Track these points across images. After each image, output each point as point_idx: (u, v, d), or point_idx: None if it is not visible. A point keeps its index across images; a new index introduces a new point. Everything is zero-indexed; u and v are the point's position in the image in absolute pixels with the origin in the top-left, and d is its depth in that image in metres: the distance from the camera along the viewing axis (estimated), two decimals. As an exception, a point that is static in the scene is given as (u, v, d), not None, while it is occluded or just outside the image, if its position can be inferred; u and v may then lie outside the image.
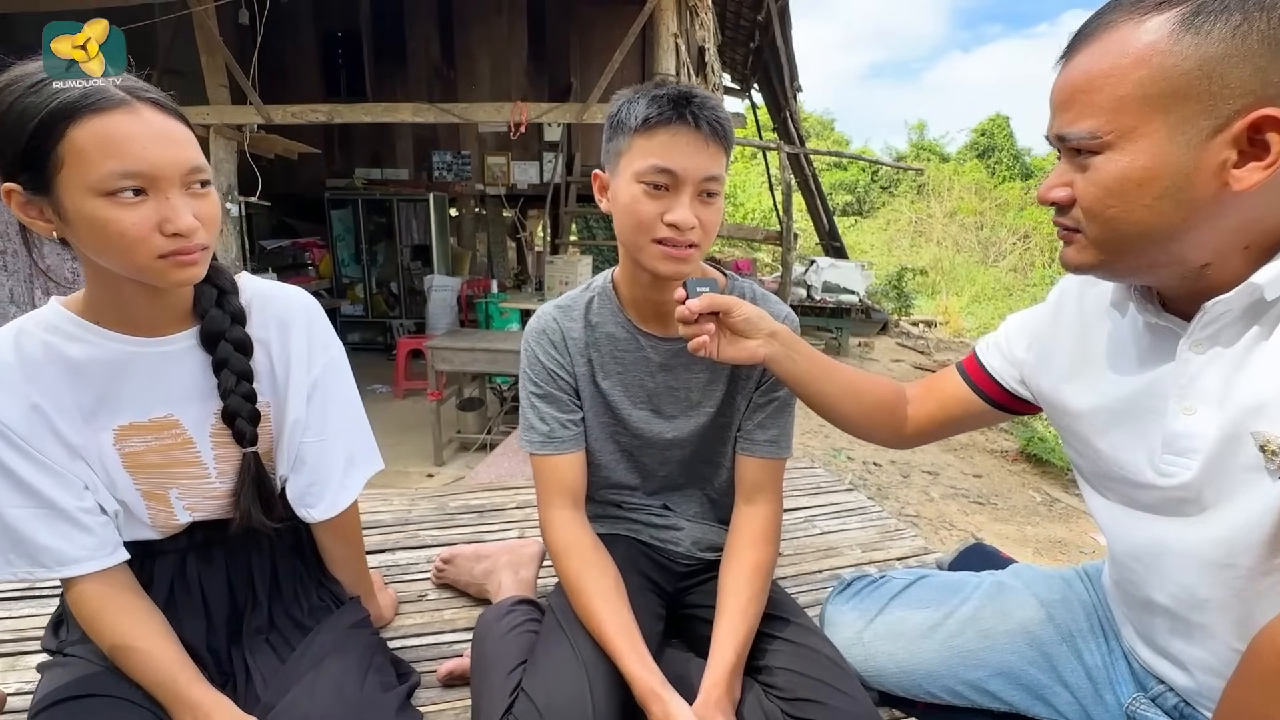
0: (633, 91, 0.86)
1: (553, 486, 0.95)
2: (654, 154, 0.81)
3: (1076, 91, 0.59)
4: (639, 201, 0.83)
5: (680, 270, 0.84)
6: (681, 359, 0.95)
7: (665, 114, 0.81)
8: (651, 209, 0.82)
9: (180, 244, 0.71)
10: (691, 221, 0.82)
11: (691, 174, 0.81)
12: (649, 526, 1.06)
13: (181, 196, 0.71)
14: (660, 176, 0.81)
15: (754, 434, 0.97)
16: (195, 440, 0.85)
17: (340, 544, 0.99)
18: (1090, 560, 0.99)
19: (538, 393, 0.97)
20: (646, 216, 0.82)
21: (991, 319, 10.38)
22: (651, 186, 0.82)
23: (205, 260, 0.75)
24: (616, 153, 0.86)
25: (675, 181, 0.82)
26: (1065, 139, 0.60)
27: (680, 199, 0.82)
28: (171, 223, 0.70)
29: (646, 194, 0.82)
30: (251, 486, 0.87)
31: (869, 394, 0.89)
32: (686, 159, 0.81)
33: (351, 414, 0.96)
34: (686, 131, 0.81)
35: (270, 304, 0.87)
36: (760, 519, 0.96)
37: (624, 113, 0.85)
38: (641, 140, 0.83)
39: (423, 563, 1.33)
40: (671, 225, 0.82)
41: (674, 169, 0.81)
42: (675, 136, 0.81)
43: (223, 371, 0.83)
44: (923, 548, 1.42)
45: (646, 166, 0.81)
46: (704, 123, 0.81)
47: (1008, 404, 0.86)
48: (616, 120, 0.86)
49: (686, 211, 0.81)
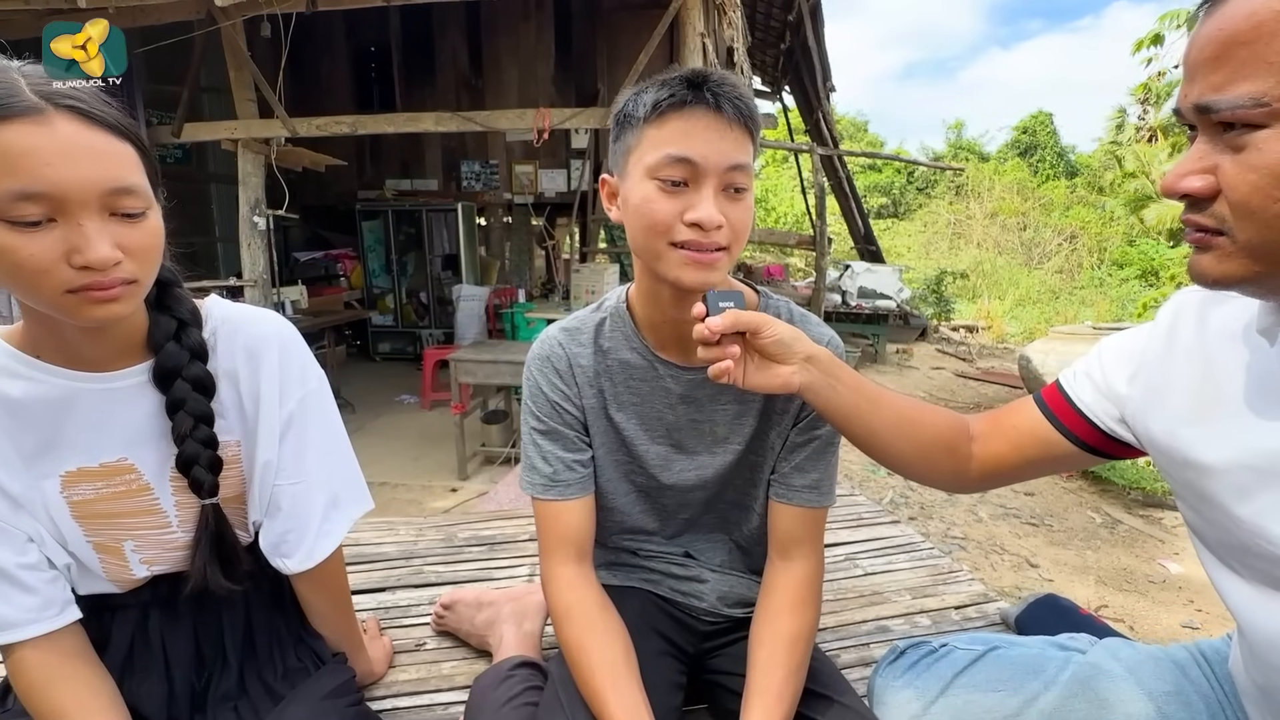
0: (640, 85, 0.73)
1: (556, 537, 0.83)
2: (668, 143, 0.69)
3: (1234, 44, 0.44)
4: (652, 200, 0.70)
5: (707, 279, 0.71)
6: (705, 389, 0.82)
7: (679, 95, 0.68)
8: (668, 208, 0.69)
9: (92, 278, 0.60)
10: (717, 219, 0.68)
11: (714, 163, 0.68)
12: (668, 577, 0.93)
13: (99, 222, 0.60)
14: (676, 169, 0.68)
15: (791, 478, 0.83)
16: (153, 486, 0.75)
17: (321, 597, 0.89)
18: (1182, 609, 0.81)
19: (540, 428, 0.84)
20: (663, 217, 0.69)
21: (1037, 323, 9.94)
22: (668, 183, 0.69)
23: (132, 296, 0.64)
24: (625, 151, 0.74)
25: (695, 173, 0.69)
26: (1211, 109, 0.46)
27: (702, 194, 0.69)
28: (81, 253, 0.59)
29: (661, 190, 0.69)
30: (208, 544, 0.77)
31: (926, 430, 0.74)
32: (707, 145, 0.68)
33: (334, 453, 0.85)
34: (705, 114, 0.68)
35: (238, 332, 0.77)
36: (798, 579, 0.82)
37: (631, 105, 0.72)
38: (653, 130, 0.70)
39: (425, 604, 1.22)
40: (694, 225, 0.69)
41: (693, 158, 0.68)
42: (692, 121, 0.68)
43: (178, 414, 0.73)
44: (982, 594, 1.25)
45: (659, 158, 0.69)
46: (725, 102, 0.68)
47: (1102, 447, 0.70)
48: (624, 115, 0.74)
49: (710, 207, 0.68)
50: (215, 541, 0.77)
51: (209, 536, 0.77)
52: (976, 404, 5.72)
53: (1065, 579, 2.78)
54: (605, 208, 0.79)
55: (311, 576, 0.84)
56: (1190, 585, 2.73)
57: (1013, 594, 2.65)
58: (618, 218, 0.77)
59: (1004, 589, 2.68)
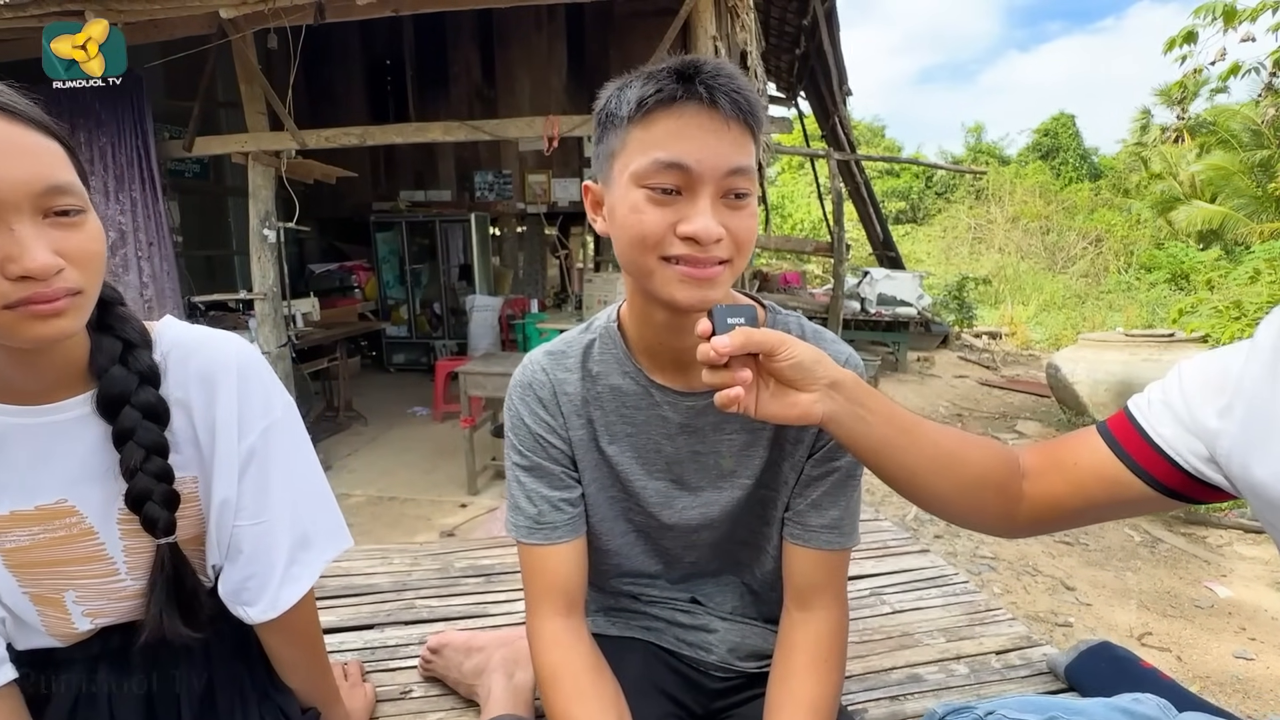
0: (624, 79, 0.64)
1: (542, 587, 0.74)
2: (656, 146, 0.60)
3: None
4: (641, 211, 0.61)
5: (705, 297, 0.62)
6: (708, 418, 0.73)
7: (667, 90, 0.59)
8: (658, 219, 0.60)
9: (32, 289, 0.53)
10: (715, 232, 0.59)
11: (710, 167, 0.59)
12: (673, 625, 0.83)
13: (34, 227, 0.54)
14: (667, 175, 0.60)
15: (807, 516, 0.73)
16: (98, 530, 0.68)
17: (290, 648, 0.80)
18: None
19: (524, 464, 0.75)
20: (653, 230, 0.60)
21: (1063, 329, 9.68)
22: (658, 191, 0.60)
23: (77, 310, 0.57)
24: (609, 155, 0.65)
25: (689, 180, 0.60)
26: None
27: (698, 203, 0.60)
28: (16, 262, 0.52)
29: (651, 200, 0.60)
30: (165, 587, 0.69)
31: (971, 466, 0.64)
32: (701, 148, 0.59)
33: (303, 488, 0.77)
34: (698, 111, 0.59)
35: (192, 357, 0.69)
36: (819, 633, 0.72)
37: (614, 102, 0.63)
38: (638, 131, 0.61)
39: (415, 643, 1.13)
40: (688, 239, 0.60)
41: (685, 163, 0.59)
42: (683, 119, 0.59)
43: (127, 445, 0.65)
44: (1025, 637, 1.13)
45: (647, 164, 0.60)
46: (721, 96, 0.59)
47: (1183, 490, 0.58)
48: (606, 114, 0.64)
49: (708, 219, 0.59)
50: (173, 585, 0.69)
51: (165, 580, 0.69)
52: (1002, 414, 5.53)
53: (1104, 603, 2.62)
54: (590, 218, 0.70)
55: (277, 626, 0.75)
56: (1241, 610, 2.56)
57: (1048, 619, 2.51)
58: (604, 230, 0.68)
59: (1038, 614, 2.53)
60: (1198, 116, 11.76)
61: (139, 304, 3.93)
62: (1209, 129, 11.21)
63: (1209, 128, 11.23)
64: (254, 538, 0.72)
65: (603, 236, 0.68)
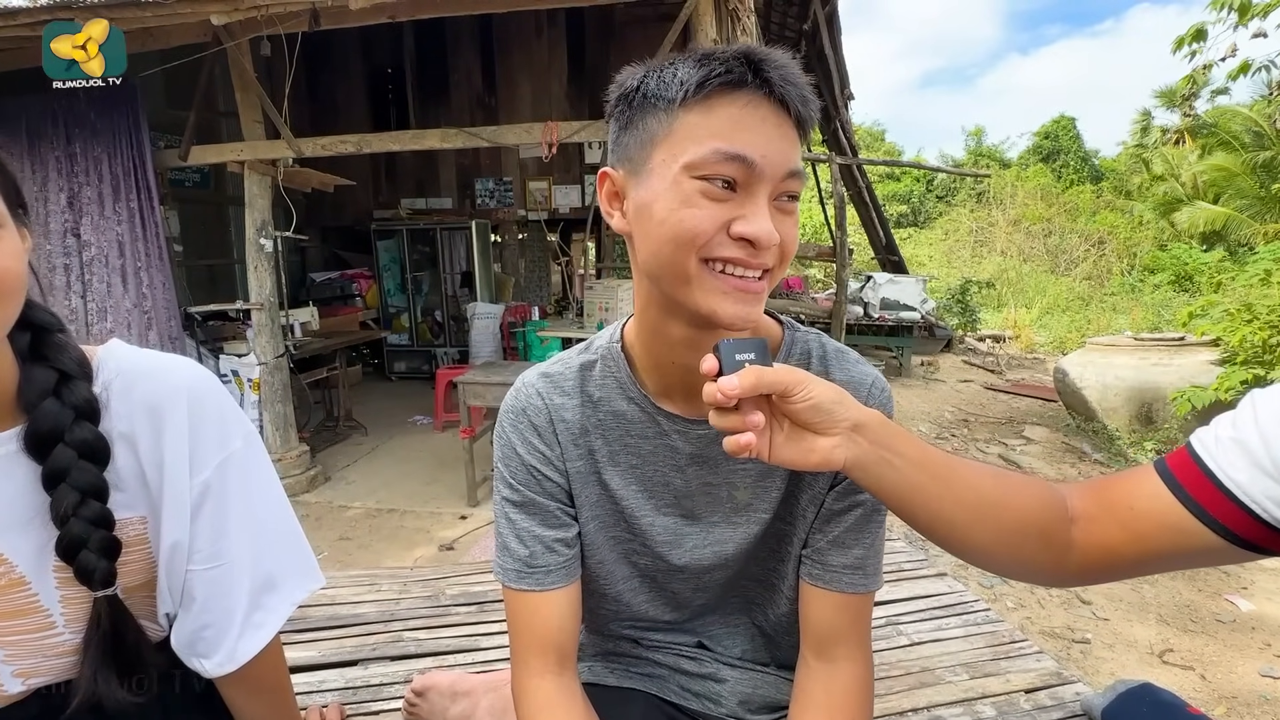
0: (654, 61, 0.57)
1: (530, 640, 0.66)
2: (718, 134, 0.53)
3: None
4: (693, 204, 0.54)
5: (749, 313, 0.56)
6: (721, 446, 0.66)
7: (737, 73, 0.53)
8: (712, 216, 0.54)
9: None
10: (775, 235, 0.54)
11: (773, 165, 0.54)
12: (677, 673, 0.77)
13: None
14: (728, 167, 0.53)
15: (828, 555, 0.67)
16: (30, 580, 0.61)
17: (253, 702, 0.73)
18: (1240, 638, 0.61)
19: (515, 499, 0.68)
20: (705, 226, 0.54)
21: (1067, 331, 9.60)
22: (719, 183, 0.54)
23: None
24: (646, 140, 0.57)
25: (750, 176, 0.54)
26: None
27: (756, 202, 0.54)
28: None
29: (705, 193, 0.54)
30: (101, 645, 0.62)
31: (1012, 512, 0.56)
32: (767, 142, 0.53)
33: (267, 526, 0.70)
34: (764, 101, 0.53)
35: (136, 385, 0.62)
36: (842, 688, 0.65)
37: (654, 82, 0.56)
38: (694, 117, 0.54)
39: (400, 682, 1.07)
40: (744, 240, 0.54)
41: (751, 156, 0.53)
42: (749, 109, 0.53)
43: (59, 487, 0.58)
44: (1055, 674, 1.06)
45: (707, 153, 0.53)
46: (790, 90, 0.53)
47: (1261, 541, 0.50)
48: (643, 95, 0.57)
49: (767, 220, 0.54)
50: (110, 643, 0.63)
51: (101, 638, 0.62)
52: (1009, 419, 5.45)
53: (1122, 617, 2.54)
54: (604, 212, 0.62)
55: (238, 679, 0.69)
56: (1265, 625, 2.48)
57: (1064, 635, 2.43)
58: (622, 226, 0.60)
59: (1054, 629, 2.46)
60: (1199, 118, 11.70)
61: (137, 315, 3.88)
62: (1210, 130, 11.15)
63: (1210, 129, 11.18)
64: (209, 583, 0.66)
65: (620, 233, 0.61)
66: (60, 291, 3.88)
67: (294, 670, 1.10)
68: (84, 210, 3.81)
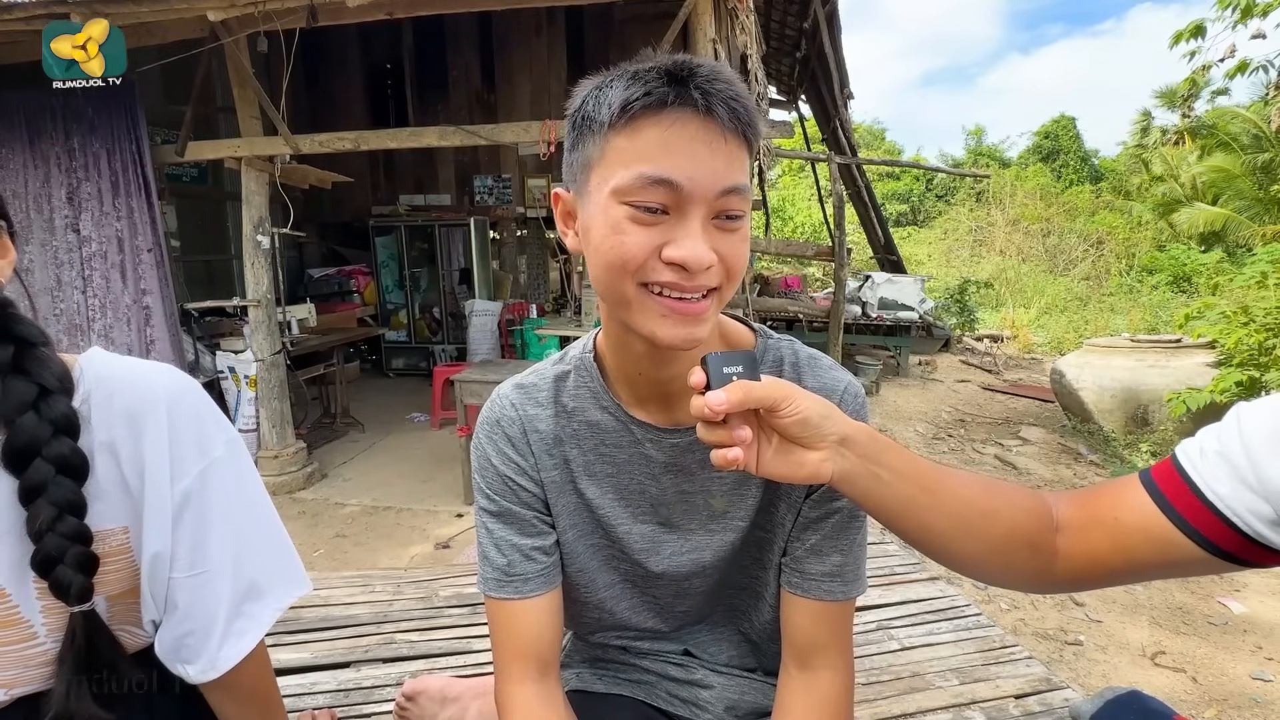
0: (602, 76, 0.56)
1: (511, 648, 0.66)
2: (642, 158, 0.52)
3: None
4: (622, 231, 0.53)
5: (690, 335, 0.55)
6: (695, 454, 0.66)
7: (657, 94, 0.51)
8: (641, 241, 0.53)
9: None
10: (707, 259, 0.53)
11: (703, 186, 0.52)
12: (664, 679, 0.77)
13: None
14: (654, 192, 0.52)
15: (806, 563, 0.67)
16: (10, 592, 0.61)
17: (240, 708, 0.73)
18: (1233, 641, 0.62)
19: (492, 510, 0.69)
20: (634, 252, 0.53)
21: (1065, 332, 9.61)
22: (642, 209, 0.53)
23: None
24: (584, 164, 0.56)
25: (678, 199, 0.52)
26: None
27: (687, 225, 0.53)
28: None
29: (633, 219, 0.53)
30: (76, 660, 0.62)
31: (1000, 523, 0.57)
32: (694, 163, 0.52)
33: (251, 533, 0.70)
34: (691, 119, 0.51)
35: (114, 395, 0.62)
36: (822, 698, 0.65)
37: (591, 104, 0.55)
38: (621, 140, 0.53)
39: (392, 684, 1.07)
40: (675, 264, 0.53)
41: (676, 179, 0.52)
42: (675, 129, 0.51)
43: (35, 502, 0.58)
44: (1044, 679, 1.07)
45: (633, 178, 0.52)
46: (719, 104, 0.51)
47: (1242, 554, 0.51)
48: (581, 117, 0.56)
49: (698, 243, 0.52)
50: (84, 658, 0.62)
51: (75, 653, 0.62)
52: (1006, 419, 5.46)
53: (1115, 619, 2.56)
54: (560, 231, 0.62)
55: (221, 685, 0.68)
56: (1257, 628, 2.49)
57: (1057, 637, 2.44)
58: (575, 246, 0.60)
59: (1047, 631, 2.47)
60: (1199, 119, 11.70)
61: (136, 310, 3.87)
62: (1209, 131, 11.16)
63: (1209, 130, 11.18)
64: (190, 590, 0.65)
65: (573, 254, 0.61)
66: (65, 288, 3.87)
67: (286, 672, 1.11)
68: (83, 206, 3.81)
